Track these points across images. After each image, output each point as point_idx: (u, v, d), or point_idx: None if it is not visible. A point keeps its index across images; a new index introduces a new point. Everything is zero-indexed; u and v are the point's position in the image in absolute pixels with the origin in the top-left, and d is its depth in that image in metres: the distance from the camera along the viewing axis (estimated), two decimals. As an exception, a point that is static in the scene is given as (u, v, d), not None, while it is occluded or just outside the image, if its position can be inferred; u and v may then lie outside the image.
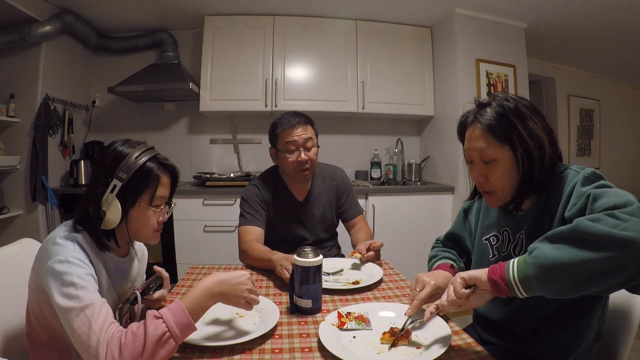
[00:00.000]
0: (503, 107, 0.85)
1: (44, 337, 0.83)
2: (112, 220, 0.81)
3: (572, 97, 4.07)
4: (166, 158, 0.90)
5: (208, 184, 2.64)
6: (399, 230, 2.69)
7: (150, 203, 0.85)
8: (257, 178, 1.62)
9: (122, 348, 0.65)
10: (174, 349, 0.70)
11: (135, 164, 0.82)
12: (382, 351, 0.76)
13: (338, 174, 1.68)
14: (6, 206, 2.51)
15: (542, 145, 0.83)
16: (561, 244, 0.64)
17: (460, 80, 2.76)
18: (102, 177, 0.82)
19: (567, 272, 0.63)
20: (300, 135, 1.46)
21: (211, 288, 0.78)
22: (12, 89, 2.51)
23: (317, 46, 2.91)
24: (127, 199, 0.82)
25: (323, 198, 1.61)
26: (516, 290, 0.69)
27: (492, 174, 0.86)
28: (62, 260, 0.73)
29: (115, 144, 0.85)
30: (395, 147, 3.24)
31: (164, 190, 0.88)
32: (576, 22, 2.91)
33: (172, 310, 0.72)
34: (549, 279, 0.65)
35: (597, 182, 0.75)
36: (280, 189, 1.58)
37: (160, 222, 0.89)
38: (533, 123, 0.84)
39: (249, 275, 0.84)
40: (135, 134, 3.13)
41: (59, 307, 0.70)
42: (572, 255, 0.62)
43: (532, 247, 0.69)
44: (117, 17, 2.85)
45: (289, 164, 1.47)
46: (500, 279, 0.70)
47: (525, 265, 0.67)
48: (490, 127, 0.84)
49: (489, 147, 0.85)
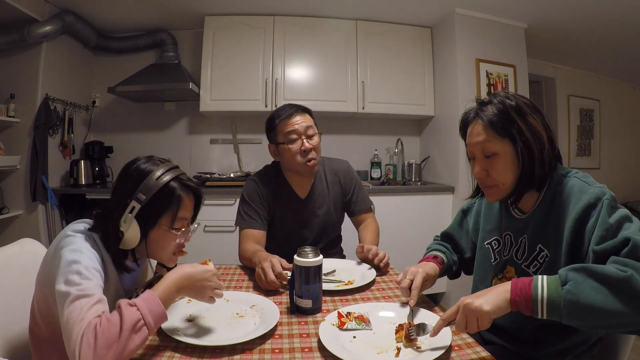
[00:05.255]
0: (504, 103, 0.87)
1: (47, 333, 0.83)
2: (131, 242, 0.81)
3: (572, 97, 4.07)
4: (189, 178, 0.87)
5: (208, 184, 2.64)
6: (399, 230, 2.69)
7: (171, 226, 0.83)
8: (256, 174, 1.53)
9: (98, 334, 0.64)
10: (146, 338, 0.69)
11: (156, 185, 0.80)
12: (382, 351, 0.76)
13: (342, 167, 1.58)
14: (6, 206, 2.51)
15: (541, 140, 0.85)
16: (605, 289, 0.64)
17: (460, 80, 2.76)
18: (122, 196, 0.81)
19: (602, 317, 0.64)
20: (300, 124, 1.38)
21: (177, 281, 0.78)
22: (12, 89, 2.51)
23: (317, 46, 2.91)
24: (148, 220, 0.81)
25: (327, 195, 1.53)
26: (539, 312, 0.69)
27: (493, 168, 0.88)
28: (75, 249, 0.74)
29: (139, 161, 0.83)
30: (395, 147, 3.24)
31: (186, 212, 0.86)
32: (576, 22, 2.91)
33: (146, 299, 0.71)
34: (581, 318, 0.66)
35: (619, 209, 0.76)
36: (281, 186, 1.49)
37: (182, 244, 0.88)
38: (533, 119, 0.86)
39: (214, 271, 0.83)
40: (135, 134, 3.14)
41: (58, 292, 0.70)
42: (614, 305, 0.63)
43: (567, 274, 0.68)
44: (117, 17, 2.85)
45: (293, 154, 1.38)
46: (523, 296, 0.70)
47: (558, 295, 0.67)
48: (491, 122, 0.86)
49: (490, 141, 0.86)
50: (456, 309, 0.75)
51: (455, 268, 1.15)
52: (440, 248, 1.16)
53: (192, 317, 0.90)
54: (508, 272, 0.95)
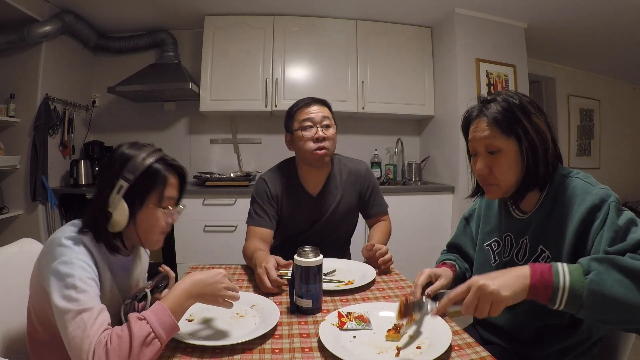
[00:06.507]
0: (508, 102, 0.85)
1: (45, 336, 0.83)
2: (119, 222, 0.81)
3: (572, 97, 4.07)
4: (174, 159, 0.89)
5: (208, 184, 2.64)
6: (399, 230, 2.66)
7: (159, 204, 0.84)
8: (269, 170, 1.52)
9: (109, 352, 0.65)
10: (159, 350, 0.70)
11: (142, 164, 0.81)
12: (383, 351, 0.76)
13: (360, 168, 1.55)
14: (6, 206, 2.51)
15: (545, 140, 0.84)
16: (629, 281, 0.63)
17: (461, 80, 2.76)
18: (108, 178, 0.81)
19: (625, 311, 0.63)
20: (317, 113, 1.39)
21: (188, 289, 0.77)
22: (12, 89, 2.51)
23: (317, 46, 2.91)
24: (135, 201, 0.81)
25: (341, 195, 1.49)
26: (558, 300, 0.66)
27: (497, 165, 0.86)
28: (67, 261, 0.73)
29: (122, 146, 0.85)
30: (395, 147, 3.24)
31: (172, 191, 0.87)
32: (576, 22, 2.91)
33: (155, 311, 0.72)
34: (602, 311, 0.64)
35: (624, 211, 0.76)
36: (293, 182, 1.48)
37: (169, 223, 0.88)
38: (537, 118, 0.85)
39: (225, 272, 0.82)
40: (135, 134, 3.14)
41: (57, 308, 0.70)
42: (638, 299, 0.62)
43: (589, 264, 0.66)
44: (117, 17, 2.85)
45: (306, 142, 1.38)
46: (544, 282, 0.66)
47: (582, 284, 0.64)
48: (496, 119, 0.85)
49: (496, 137, 0.85)
50: (466, 289, 0.69)
51: (469, 275, 1.11)
52: (449, 257, 1.13)
53: (192, 317, 0.90)
54: None
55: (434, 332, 0.81)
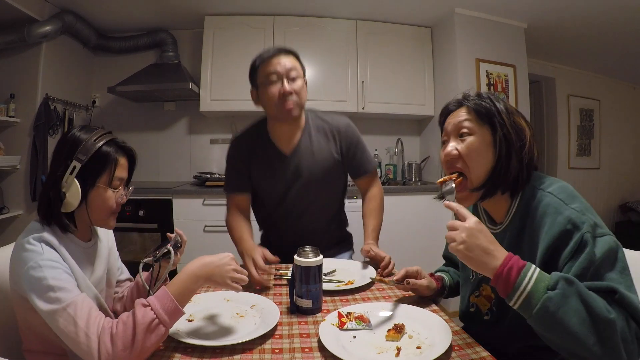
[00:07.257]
0: (491, 99, 0.85)
1: (39, 346, 0.84)
2: (72, 202, 0.82)
3: (572, 97, 4.07)
4: (124, 141, 0.91)
5: (208, 184, 2.63)
6: (398, 230, 2.68)
7: (110, 184, 0.86)
8: (239, 131, 1.44)
9: (114, 338, 0.68)
10: (164, 335, 0.72)
11: (93, 145, 0.83)
12: (383, 351, 0.76)
13: (340, 122, 1.41)
14: (6, 206, 2.51)
15: (522, 138, 0.82)
16: (587, 317, 0.62)
17: (460, 80, 2.76)
18: (61, 160, 0.83)
19: (568, 341, 0.63)
20: (282, 64, 1.26)
21: (196, 271, 0.79)
22: (12, 89, 2.51)
23: (317, 46, 2.91)
24: (87, 181, 0.83)
25: (318, 152, 1.36)
26: (514, 300, 0.65)
27: (466, 148, 0.83)
28: (35, 266, 0.74)
29: (74, 129, 0.87)
30: (395, 147, 3.24)
31: (122, 172, 0.89)
32: (576, 22, 2.91)
33: (159, 297, 0.74)
34: (547, 329, 0.64)
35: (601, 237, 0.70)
36: (264, 141, 1.37)
37: (119, 204, 0.90)
38: (518, 119, 0.84)
39: (232, 256, 0.85)
40: (135, 134, 3.14)
41: (43, 312, 0.71)
42: (587, 338, 0.61)
43: (558, 281, 0.64)
44: (117, 17, 2.85)
45: (271, 97, 1.26)
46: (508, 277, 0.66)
47: (539, 296, 0.63)
48: (475, 108, 0.84)
49: (470, 121, 0.84)
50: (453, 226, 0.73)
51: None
52: (442, 269, 1.16)
53: (192, 318, 0.91)
54: (484, 289, 0.93)
55: (434, 332, 0.82)
